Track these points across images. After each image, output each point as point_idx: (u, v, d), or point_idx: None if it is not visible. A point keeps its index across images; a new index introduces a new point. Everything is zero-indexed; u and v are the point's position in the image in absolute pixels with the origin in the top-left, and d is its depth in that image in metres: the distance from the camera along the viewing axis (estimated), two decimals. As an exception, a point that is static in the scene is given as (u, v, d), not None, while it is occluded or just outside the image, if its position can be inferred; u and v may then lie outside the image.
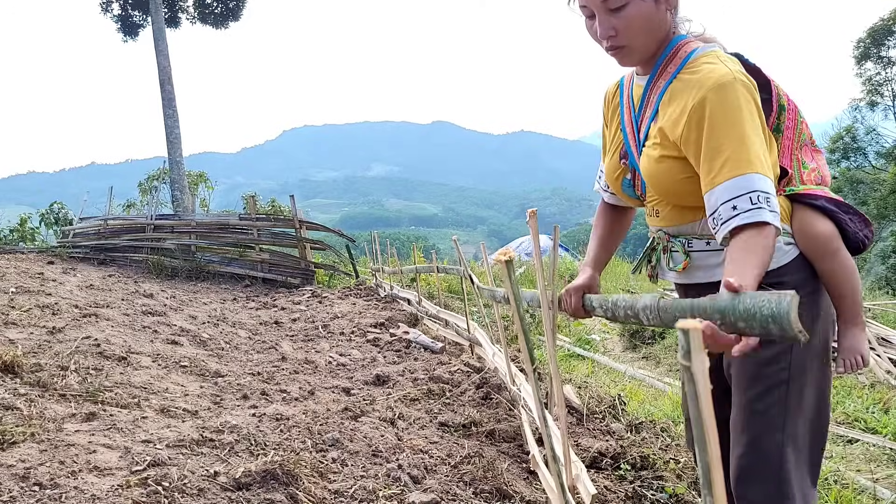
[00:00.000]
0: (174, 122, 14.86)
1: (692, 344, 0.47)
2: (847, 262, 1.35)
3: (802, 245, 1.35)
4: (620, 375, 5.19)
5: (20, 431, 2.01)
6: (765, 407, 1.32)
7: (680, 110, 1.27)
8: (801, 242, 1.35)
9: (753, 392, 1.33)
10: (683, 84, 1.27)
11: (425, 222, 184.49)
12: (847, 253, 1.35)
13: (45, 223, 13.90)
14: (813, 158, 1.43)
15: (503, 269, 1.36)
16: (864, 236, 1.38)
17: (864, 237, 1.38)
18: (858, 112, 24.18)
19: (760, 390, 1.33)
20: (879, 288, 13.31)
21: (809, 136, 1.44)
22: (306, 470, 1.97)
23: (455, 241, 4.08)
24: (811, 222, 1.34)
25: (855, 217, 1.38)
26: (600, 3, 1.27)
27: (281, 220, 10.01)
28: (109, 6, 17.31)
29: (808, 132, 1.43)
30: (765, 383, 1.32)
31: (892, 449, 3.38)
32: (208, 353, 4.00)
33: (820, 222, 1.34)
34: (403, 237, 61.72)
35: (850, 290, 1.35)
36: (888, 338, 5.98)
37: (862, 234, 1.37)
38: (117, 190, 14.26)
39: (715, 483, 0.50)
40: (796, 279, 1.33)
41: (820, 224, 1.34)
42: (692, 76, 1.27)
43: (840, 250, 1.34)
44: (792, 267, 1.34)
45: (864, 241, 1.38)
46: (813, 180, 1.40)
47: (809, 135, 1.44)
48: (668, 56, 1.34)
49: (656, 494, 2.25)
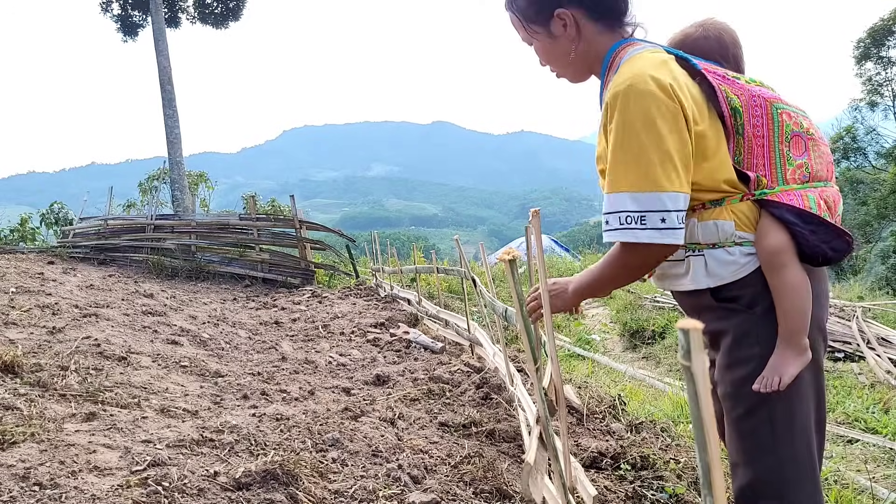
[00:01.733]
0: (174, 122, 14.85)
1: (692, 344, 0.47)
2: (792, 280, 1.25)
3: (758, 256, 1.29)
4: (620, 375, 5.19)
5: (20, 431, 2.01)
6: (751, 427, 1.28)
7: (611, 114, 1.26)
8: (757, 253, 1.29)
9: (736, 413, 1.30)
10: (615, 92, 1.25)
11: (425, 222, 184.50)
12: (796, 270, 1.26)
13: (46, 223, 13.90)
14: (805, 150, 1.32)
15: (506, 268, 1.36)
16: (831, 248, 1.28)
17: (831, 249, 1.28)
18: (858, 112, 24.18)
19: (741, 412, 1.29)
20: (879, 288, 13.31)
21: (800, 126, 1.33)
22: (306, 470, 1.97)
23: (457, 241, 4.08)
24: (764, 233, 1.28)
25: (819, 228, 1.27)
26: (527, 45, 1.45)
27: (281, 220, 10.01)
28: (109, 6, 17.31)
29: (798, 122, 1.33)
30: (745, 403, 1.28)
31: (892, 449, 3.38)
32: (208, 353, 4.00)
33: (772, 234, 1.27)
34: (403, 237, 61.74)
35: (790, 308, 1.26)
36: (888, 338, 5.98)
37: (826, 246, 1.28)
38: (117, 190, 14.27)
39: (715, 483, 0.50)
40: (752, 292, 1.29)
41: (771, 236, 1.27)
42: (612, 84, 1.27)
43: (786, 266, 1.26)
44: (749, 280, 1.29)
45: (825, 254, 1.28)
46: (798, 178, 1.30)
47: (801, 125, 1.33)
48: (608, 65, 1.36)
49: (656, 494, 2.25)
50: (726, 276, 1.29)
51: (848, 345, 6.00)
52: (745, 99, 1.30)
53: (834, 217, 1.31)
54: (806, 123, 1.34)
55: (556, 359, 1.71)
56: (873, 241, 20.95)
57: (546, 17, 1.38)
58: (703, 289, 1.32)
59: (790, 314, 1.26)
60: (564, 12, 1.35)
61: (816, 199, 1.28)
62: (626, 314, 7.98)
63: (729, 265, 1.29)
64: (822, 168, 1.34)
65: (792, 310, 1.26)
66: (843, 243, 1.29)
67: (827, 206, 1.30)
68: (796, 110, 1.34)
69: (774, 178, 1.29)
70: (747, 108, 1.30)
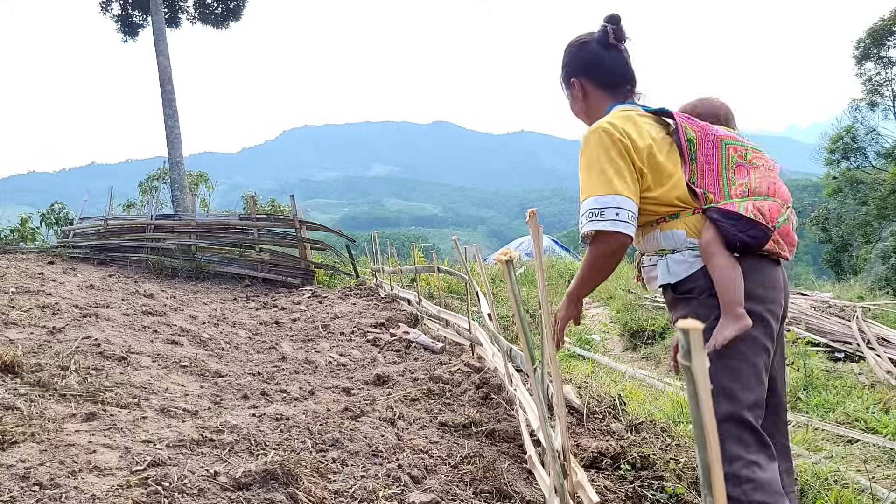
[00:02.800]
0: (174, 122, 14.85)
1: (692, 344, 0.47)
2: (720, 263, 1.59)
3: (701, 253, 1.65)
4: (620, 375, 5.19)
5: (20, 431, 2.01)
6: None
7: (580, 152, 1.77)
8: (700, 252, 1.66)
9: None
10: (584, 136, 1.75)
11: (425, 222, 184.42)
12: (722, 256, 1.60)
13: (46, 223, 13.90)
14: (747, 174, 1.70)
15: (503, 269, 1.36)
16: (749, 236, 1.60)
17: (748, 237, 1.60)
18: (858, 112, 24.18)
19: None
20: (879, 288, 13.30)
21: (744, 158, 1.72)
22: (306, 470, 1.97)
23: (455, 242, 4.08)
24: (700, 232, 1.65)
25: (738, 221, 1.60)
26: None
27: (281, 220, 10.01)
28: (109, 6, 17.31)
29: (742, 155, 1.72)
30: None
31: (892, 449, 3.38)
32: (208, 353, 4.00)
33: (704, 231, 1.64)
34: (403, 237, 61.69)
35: (722, 285, 1.59)
36: (888, 338, 5.97)
37: (744, 234, 1.60)
38: (117, 190, 14.26)
39: (715, 483, 0.50)
40: (701, 284, 1.65)
41: (703, 233, 1.64)
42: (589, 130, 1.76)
43: (715, 254, 1.60)
44: (698, 274, 1.65)
45: (744, 240, 1.60)
46: (739, 194, 1.66)
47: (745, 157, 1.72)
48: None
49: (656, 494, 2.25)
50: (681, 273, 1.68)
51: (848, 345, 6.00)
52: (700, 134, 1.73)
53: (770, 222, 1.62)
54: (751, 155, 1.72)
55: (556, 359, 1.71)
56: (873, 241, 20.95)
57: (568, 82, 1.96)
58: (667, 284, 1.71)
59: (722, 289, 1.59)
60: (576, 81, 1.93)
61: (748, 206, 1.62)
62: (626, 314, 7.98)
63: (682, 264, 1.68)
64: (762, 187, 1.67)
65: (723, 286, 1.59)
66: (758, 231, 1.61)
67: (760, 212, 1.62)
68: (746, 145, 1.74)
69: (721, 195, 1.67)
70: (701, 141, 1.72)
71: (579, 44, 1.93)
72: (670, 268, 1.69)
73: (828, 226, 24.27)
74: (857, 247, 22.88)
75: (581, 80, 1.92)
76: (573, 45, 1.95)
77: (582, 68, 1.92)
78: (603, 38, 1.87)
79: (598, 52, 1.88)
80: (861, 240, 22.52)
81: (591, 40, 1.90)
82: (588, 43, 1.91)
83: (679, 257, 1.68)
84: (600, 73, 1.89)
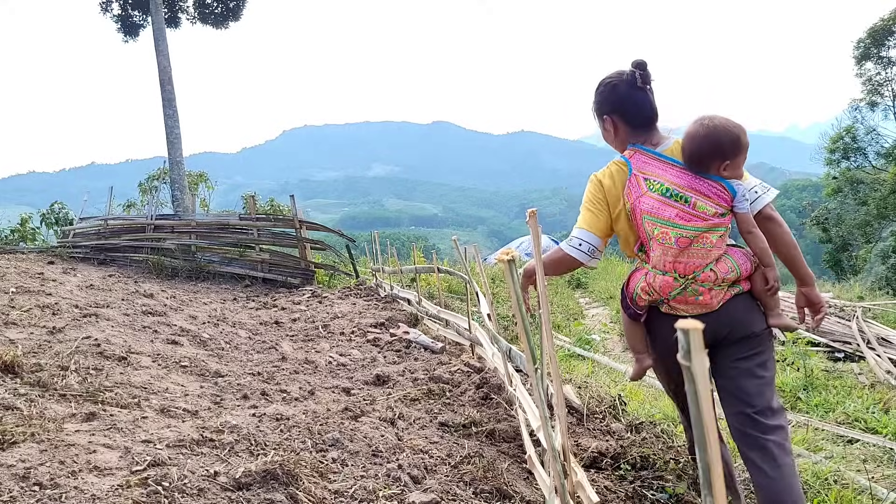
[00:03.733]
0: (174, 122, 14.84)
1: (692, 344, 0.47)
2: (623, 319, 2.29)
3: None
4: (620, 375, 5.19)
5: (20, 431, 2.01)
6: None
7: None
8: None
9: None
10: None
11: (425, 222, 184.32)
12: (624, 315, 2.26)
13: (46, 223, 13.90)
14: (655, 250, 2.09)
15: (505, 268, 1.36)
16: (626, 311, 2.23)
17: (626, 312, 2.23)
18: (858, 112, 24.18)
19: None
20: (879, 288, 13.30)
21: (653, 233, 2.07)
22: (306, 470, 1.97)
23: (455, 242, 4.07)
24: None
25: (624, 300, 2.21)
26: None
27: (281, 220, 10.00)
28: (109, 6, 17.31)
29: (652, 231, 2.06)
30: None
31: (892, 449, 3.38)
32: (208, 353, 4.00)
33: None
34: (403, 237, 61.67)
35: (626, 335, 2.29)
36: (888, 338, 5.97)
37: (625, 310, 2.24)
38: (117, 190, 14.26)
39: (715, 483, 0.50)
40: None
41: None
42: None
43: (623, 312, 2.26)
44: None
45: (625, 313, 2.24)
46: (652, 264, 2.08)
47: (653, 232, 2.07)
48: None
49: (656, 494, 2.25)
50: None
51: (848, 345, 5.99)
52: (632, 204, 2.08)
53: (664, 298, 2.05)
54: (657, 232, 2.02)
55: (556, 359, 1.71)
56: (873, 241, 20.94)
57: (601, 118, 2.28)
58: None
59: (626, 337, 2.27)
60: (609, 117, 2.24)
61: (643, 283, 2.08)
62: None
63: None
64: (660, 264, 2.03)
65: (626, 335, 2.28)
66: (631, 311, 2.18)
67: (651, 288, 2.05)
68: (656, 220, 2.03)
69: (650, 258, 2.07)
70: (632, 211, 2.09)
71: (612, 85, 2.22)
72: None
73: (828, 226, 24.27)
74: (857, 247, 22.89)
75: (613, 117, 2.23)
76: (606, 84, 2.24)
77: (613, 107, 2.23)
78: (632, 81, 2.17)
79: (628, 92, 2.18)
80: (861, 240, 22.52)
81: (620, 82, 2.20)
82: (619, 85, 2.20)
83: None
84: (629, 112, 2.20)
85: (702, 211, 2.00)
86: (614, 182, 2.15)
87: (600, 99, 2.27)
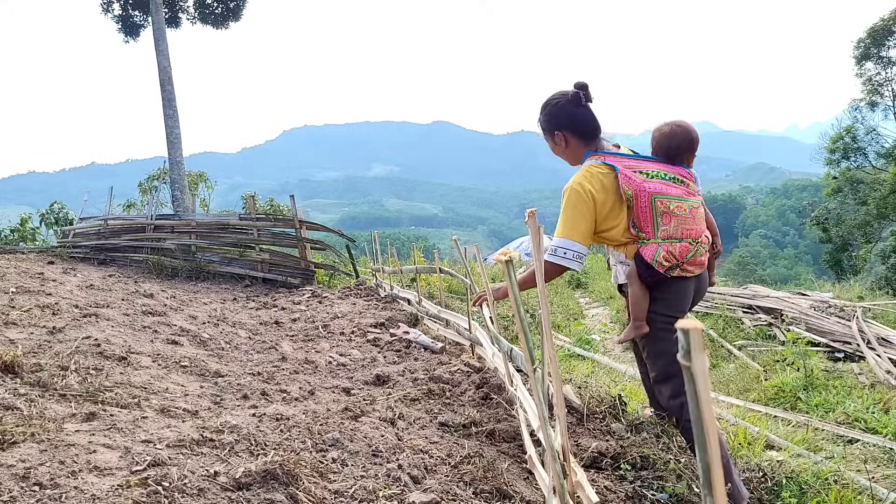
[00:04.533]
0: (174, 122, 14.84)
1: (692, 344, 0.47)
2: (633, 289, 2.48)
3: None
4: (620, 375, 5.19)
5: (20, 431, 2.01)
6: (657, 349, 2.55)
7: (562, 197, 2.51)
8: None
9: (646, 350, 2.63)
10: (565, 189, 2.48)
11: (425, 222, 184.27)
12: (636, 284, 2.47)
13: (46, 223, 13.90)
14: (669, 222, 2.39)
15: (503, 269, 1.36)
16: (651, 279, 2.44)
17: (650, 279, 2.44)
18: (858, 112, 24.18)
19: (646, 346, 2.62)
20: (879, 288, 13.29)
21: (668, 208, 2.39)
22: (306, 470, 1.97)
23: (455, 242, 4.07)
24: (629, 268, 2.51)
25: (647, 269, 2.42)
26: None
27: (281, 220, 10.00)
28: (110, 6, 17.31)
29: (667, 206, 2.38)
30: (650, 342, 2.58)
31: (892, 449, 3.38)
32: (208, 353, 4.00)
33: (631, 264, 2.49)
34: (403, 237, 61.70)
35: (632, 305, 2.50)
36: (888, 338, 5.97)
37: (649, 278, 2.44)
38: (117, 190, 14.26)
39: (715, 483, 0.50)
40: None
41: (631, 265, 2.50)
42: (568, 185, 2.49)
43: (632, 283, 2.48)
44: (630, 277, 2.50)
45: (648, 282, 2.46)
46: (662, 235, 2.39)
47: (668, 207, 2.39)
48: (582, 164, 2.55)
49: (656, 494, 2.25)
50: (622, 278, 2.57)
51: (848, 345, 5.99)
52: (635, 190, 2.37)
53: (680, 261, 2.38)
54: (673, 206, 2.38)
55: (556, 359, 1.71)
56: (873, 241, 20.94)
57: (552, 134, 2.58)
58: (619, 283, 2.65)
59: (631, 307, 2.50)
60: (560, 133, 2.55)
61: (662, 252, 2.37)
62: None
63: (622, 272, 2.56)
64: (677, 233, 2.38)
65: (632, 304, 2.49)
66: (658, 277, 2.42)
67: (673, 255, 2.37)
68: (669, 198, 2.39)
69: (652, 234, 2.40)
70: (636, 196, 2.38)
71: (560, 104, 2.53)
72: (619, 273, 2.61)
73: (828, 226, 24.28)
74: (857, 247, 22.89)
75: (564, 132, 2.55)
76: (554, 104, 2.55)
77: (564, 123, 2.54)
78: (577, 100, 2.50)
79: (575, 110, 2.51)
80: (861, 240, 22.52)
81: (567, 102, 2.52)
82: (566, 105, 2.52)
83: (621, 268, 2.57)
84: (579, 126, 2.52)
85: (693, 189, 2.46)
86: (604, 185, 2.42)
87: (550, 117, 2.57)
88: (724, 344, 6.63)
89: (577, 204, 2.40)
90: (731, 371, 5.80)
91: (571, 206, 2.41)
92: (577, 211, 2.40)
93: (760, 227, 77.02)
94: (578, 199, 2.40)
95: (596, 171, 2.43)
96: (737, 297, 8.35)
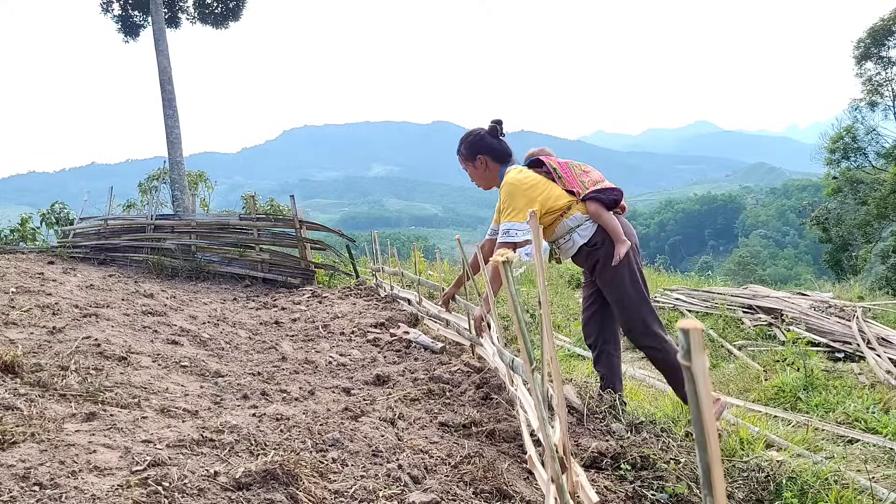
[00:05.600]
0: (174, 122, 14.84)
1: (692, 344, 0.47)
2: (605, 217, 3.03)
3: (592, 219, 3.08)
4: (620, 375, 5.18)
5: (20, 431, 2.01)
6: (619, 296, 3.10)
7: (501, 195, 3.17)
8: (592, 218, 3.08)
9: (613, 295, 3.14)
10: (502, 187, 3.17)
11: (425, 222, 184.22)
12: (605, 212, 3.03)
13: (46, 223, 13.89)
14: (588, 175, 3.17)
15: (500, 270, 1.36)
16: (614, 197, 3.08)
17: (614, 197, 3.08)
18: (858, 112, 24.18)
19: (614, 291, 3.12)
20: (879, 288, 13.30)
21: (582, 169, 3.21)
22: (306, 470, 1.97)
23: (458, 241, 4.07)
24: (589, 207, 3.07)
25: (607, 191, 3.08)
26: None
27: (281, 220, 9.99)
28: (110, 6, 17.31)
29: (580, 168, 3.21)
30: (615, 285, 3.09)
31: (892, 449, 3.38)
32: (208, 353, 4.00)
33: (590, 205, 3.07)
34: (403, 237, 61.70)
35: (611, 228, 3.02)
36: (888, 338, 5.97)
37: (612, 196, 3.08)
38: (117, 190, 14.25)
39: (715, 483, 0.50)
40: (599, 238, 3.06)
41: (590, 206, 3.07)
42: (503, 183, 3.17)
43: (601, 214, 3.03)
44: (597, 233, 3.06)
45: (615, 198, 3.09)
46: (589, 185, 3.10)
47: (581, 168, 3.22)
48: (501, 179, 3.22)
49: (656, 494, 2.25)
50: (588, 235, 3.07)
51: (848, 345, 5.99)
52: (557, 164, 3.18)
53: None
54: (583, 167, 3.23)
55: (556, 359, 1.71)
56: (873, 241, 20.94)
57: (473, 159, 3.31)
58: (583, 245, 3.09)
59: (611, 230, 3.01)
60: (482, 158, 3.28)
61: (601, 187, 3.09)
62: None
63: (587, 230, 3.08)
64: (596, 178, 3.17)
65: (611, 227, 3.01)
66: (617, 194, 3.09)
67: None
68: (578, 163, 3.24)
69: (582, 190, 3.09)
70: (560, 167, 3.17)
71: (480, 136, 3.29)
72: (581, 235, 3.08)
73: (828, 226, 24.27)
74: (857, 247, 22.89)
75: (485, 157, 3.28)
76: (475, 136, 3.29)
77: (484, 149, 3.28)
78: (494, 132, 3.29)
79: (492, 141, 3.28)
80: (861, 240, 22.52)
81: (485, 134, 3.28)
82: (485, 136, 3.28)
83: (582, 228, 3.08)
84: (496, 152, 3.27)
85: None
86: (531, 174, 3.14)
87: (471, 145, 3.29)
88: (725, 344, 6.63)
89: (512, 192, 3.02)
90: (731, 371, 5.80)
91: (509, 196, 3.02)
92: (512, 198, 3.01)
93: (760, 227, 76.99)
94: (513, 189, 3.03)
95: (520, 168, 3.17)
96: (737, 297, 8.35)
